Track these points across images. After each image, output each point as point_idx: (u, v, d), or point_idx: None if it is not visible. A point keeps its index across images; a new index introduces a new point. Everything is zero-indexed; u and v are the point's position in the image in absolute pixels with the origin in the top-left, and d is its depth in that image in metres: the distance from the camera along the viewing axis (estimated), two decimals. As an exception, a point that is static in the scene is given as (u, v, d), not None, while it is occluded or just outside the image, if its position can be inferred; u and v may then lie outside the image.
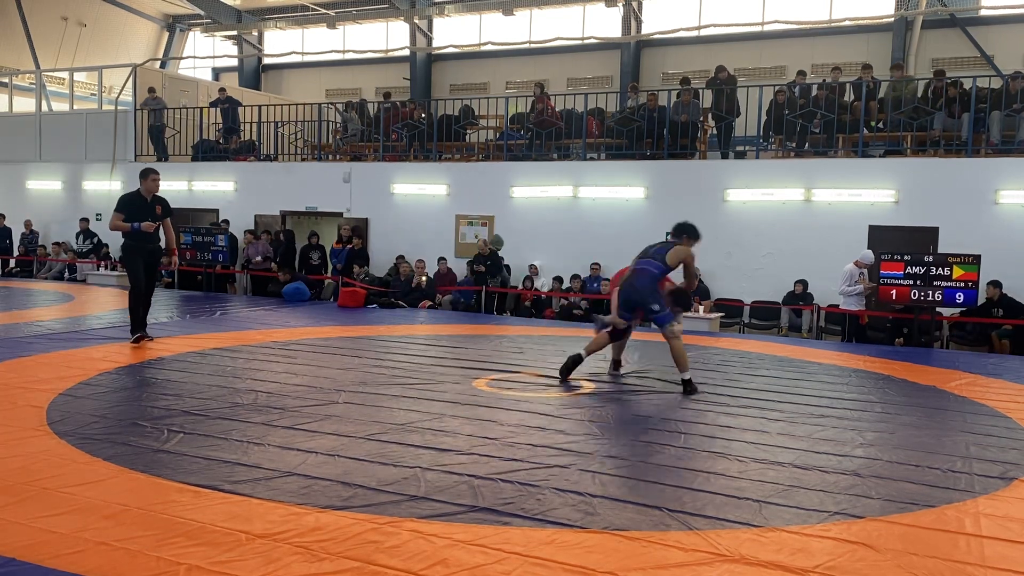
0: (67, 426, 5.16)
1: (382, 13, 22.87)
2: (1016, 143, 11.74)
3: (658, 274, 7.20)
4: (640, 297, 7.16)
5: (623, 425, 5.76)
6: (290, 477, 4.27)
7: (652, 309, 7.11)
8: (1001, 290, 10.82)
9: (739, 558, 3.42)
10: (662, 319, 7.09)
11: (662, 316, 7.09)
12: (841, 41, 18.11)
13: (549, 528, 3.69)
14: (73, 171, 18.46)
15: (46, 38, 23.87)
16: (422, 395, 6.48)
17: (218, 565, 3.18)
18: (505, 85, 21.20)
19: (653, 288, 7.15)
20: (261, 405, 5.94)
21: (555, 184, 14.07)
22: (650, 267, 7.20)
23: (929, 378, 8.10)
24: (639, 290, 7.17)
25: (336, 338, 9.71)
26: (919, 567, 3.39)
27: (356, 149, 16.66)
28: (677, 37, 19.02)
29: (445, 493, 4.10)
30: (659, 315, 7.09)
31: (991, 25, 17.29)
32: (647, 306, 7.13)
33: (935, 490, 4.43)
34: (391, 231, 15.37)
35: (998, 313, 10.72)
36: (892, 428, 5.92)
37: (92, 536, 3.42)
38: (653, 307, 7.10)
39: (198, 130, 17.67)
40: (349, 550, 3.36)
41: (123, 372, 7.06)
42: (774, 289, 12.27)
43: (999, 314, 10.72)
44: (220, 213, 16.80)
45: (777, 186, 12.67)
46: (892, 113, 12.42)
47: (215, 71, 26.45)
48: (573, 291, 13.36)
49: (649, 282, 7.15)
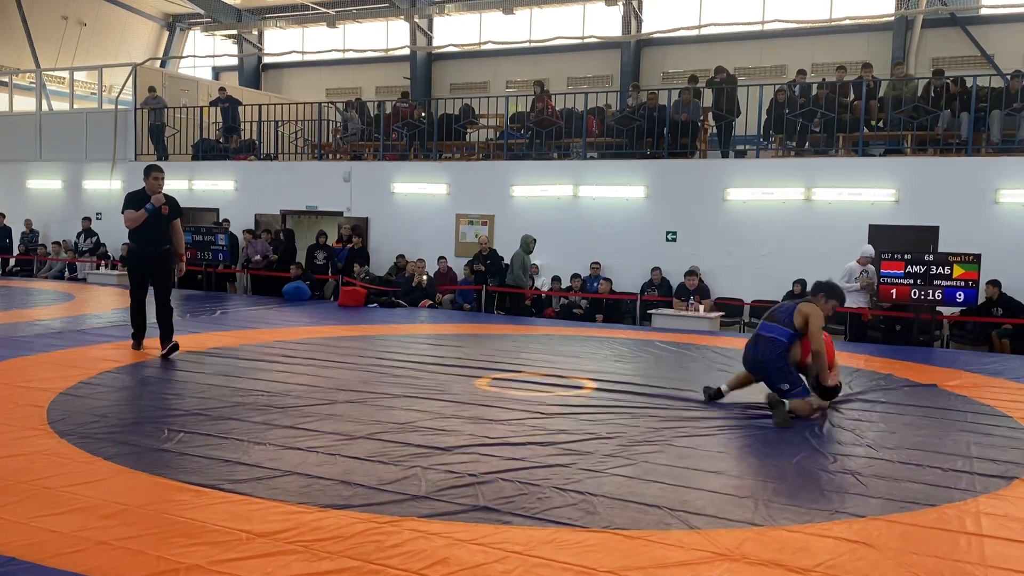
0: (68, 425, 5.16)
1: (382, 12, 22.87)
2: (1016, 142, 11.74)
3: (786, 343, 6.12)
4: (765, 374, 6.18)
5: (624, 425, 5.75)
6: (290, 476, 4.27)
7: (781, 390, 6.04)
8: (1000, 289, 10.82)
9: (739, 557, 3.42)
10: (794, 396, 6.05)
11: (794, 393, 6.05)
12: (841, 40, 18.10)
13: (550, 527, 3.69)
14: (73, 170, 18.46)
15: (46, 37, 23.87)
16: (423, 394, 6.47)
17: (218, 565, 3.18)
18: (505, 84, 21.19)
19: (781, 363, 6.09)
20: (262, 404, 5.94)
21: (555, 183, 14.06)
22: (776, 334, 6.15)
23: (930, 377, 8.10)
24: (763, 365, 6.17)
25: (336, 337, 9.70)
26: (920, 566, 3.39)
27: (356, 148, 16.66)
28: (677, 36, 19.02)
29: (446, 492, 4.10)
30: (789, 393, 6.05)
31: (991, 24, 17.28)
32: (776, 386, 6.08)
33: (936, 489, 4.43)
34: (391, 230, 15.37)
35: (998, 312, 10.72)
36: (892, 427, 5.92)
37: (92, 536, 3.42)
38: (782, 387, 6.04)
39: (198, 129, 17.67)
40: (349, 549, 3.36)
41: (124, 371, 7.06)
42: (774, 288, 12.25)
43: (999, 313, 10.72)
44: (220, 212, 16.80)
45: (777, 185, 12.66)
46: (892, 112, 12.42)
47: (215, 70, 26.45)
48: (573, 290, 13.36)
49: (776, 356, 6.10)
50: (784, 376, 5.98)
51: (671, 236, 13.28)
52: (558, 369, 7.85)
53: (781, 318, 6.15)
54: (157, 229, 7.84)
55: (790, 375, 6.00)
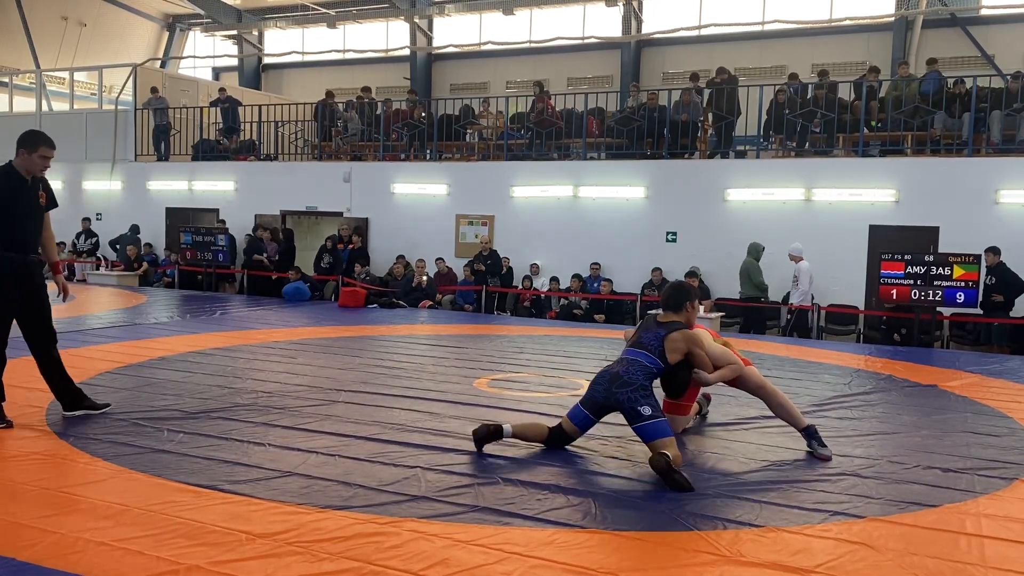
0: (67, 426, 5.16)
1: (382, 13, 22.88)
2: (1016, 143, 11.74)
3: (655, 372, 4.90)
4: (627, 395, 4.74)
5: (623, 425, 5.74)
6: (290, 477, 4.27)
7: (642, 414, 4.65)
8: (999, 258, 10.77)
9: (740, 558, 3.42)
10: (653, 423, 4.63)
11: (654, 419, 4.63)
12: (841, 41, 18.11)
13: (550, 528, 3.69)
14: (73, 171, 18.43)
15: (46, 38, 23.86)
16: (422, 395, 6.47)
17: (218, 565, 3.17)
18: (505, 85, 21.19)
19: (646, 383, 4.81)
20: (261, 405, 5.94)
21: (555, 184, 14.06)
22: (645, 360, 4.90)
23: (930, 378, 8.10)
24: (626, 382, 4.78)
25: (336, 338, 9.70)
26: (920, 567, 3.39)
27: (356, 149, 16.66)
28: (677, 37, 19.03)
29: (445, 493, 4.09)
30: (650, 419, 4.63)
31: (991, 25, 17.29)
32: (635, 408, 4.68)
33: (936, 490, 4.43)
34: (391, 231, 15.37)
35: (991, 281, 10.67)
36: (892, 428, 5.92)
37: (92, 536, 3.41)
38: (643, 410, 4.65)
39: (198, 130, 17.67)
40: (349, 550, 3.35)
41: (123, 372, 7.05)
42: (774, 289, 12.24)
43: (991, 282, 10.67)
44: (220, 213, 16.80)
45: (777, 186, 12.67)
46: (892, 113, 12.41)
47: (215, 71, 26.45)
48: (573, 291, 13.35)
49: (642, 376, 4.82)
50: (647, 398, 4.68)
51: (671, 236, 13.28)
52: (558, 370, 7.85)
53: (649, 345, 4.93)
54: (26, 225, 5.24)
55: (652, 399, 4.71)
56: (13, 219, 5.13)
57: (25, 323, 5.30)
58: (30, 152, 5.22)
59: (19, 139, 5.26)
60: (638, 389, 4.72)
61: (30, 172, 5.26)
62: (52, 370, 5.41)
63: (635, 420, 4.66)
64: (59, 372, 5.43)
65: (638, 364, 4.86)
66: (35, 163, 5.25)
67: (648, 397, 4.71)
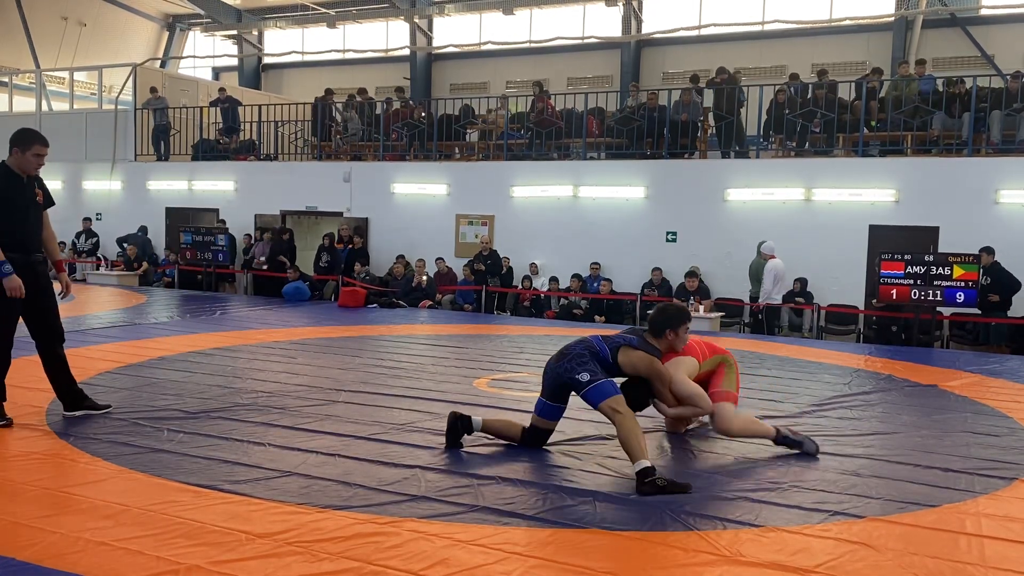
0: (67, 426, 5.16)
1: (382, 13, 22.88)
2: (1016, 143, 11.74)
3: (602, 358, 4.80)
4: (565, 368, 4.76)
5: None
6: (290, 477, 4.27)
7: (580, 381, 4.64)
8: (994, 257, 10.79)
9: (739, 558, 3.41)
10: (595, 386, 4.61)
11: (595, 383, 4.62)
12: (841, 41, 18.10)
13: (550, 528, 3.69)
14: (73, 171, 18.44)
15: (46, 38, 23.86)
16: (422, 395, 6.47)
17: (218, 565, 3.17)
18: (505, 85, 21.19)
19: (584, 353, 4.80)
20: (261, 405, 5.94)
21: (555, 184, 14.06)
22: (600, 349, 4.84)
23: (930, 377, 8.10)
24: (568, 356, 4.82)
25: (336, 338, 9.70)
26: (920, 567, 3.38)
27: (356, 148, 16.66)
28: (677, 37, 19.03)
29: (445, 493, 4.09)
30: (589, 384, 4.62)
31: (991, 25, 17.29)
32: (573, 378, 4.69)
33: (936, 490, 4.43)
34: (391, 231, 15.37)
35: (986, 281, 10.69)
36: (892, 428, 5.91)
37: (92, 536, 3.41)
38: (580, 378, 4.65)
39: (198, 130, 17.67)
40: (349, 550, 3.35)
41: (123, 372, 7.05)
42: (774, 288, 12.24)
43: (987, 282, 10.69)
44: (220, 213, 16.80)
45: (777, 186, 12.67)
46: (892, 113, 12.42)
47: (215, 71, 26.45)
48: (573, 291, 13.35)
49: (583, 349, 4.83)
50: (584, 365, 4.68)
51: (671, 236, 13.28)
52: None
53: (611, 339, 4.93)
54: (26, 225, 5.22)
55: (590, 366, 4.69)
56: (13, 219, 5.11)
57: (31, 323, 5.34)
58: (24, 151, 5.17)
59: (12, 138, 5.20)
60: (574, 359, 4.74)
61: (25, 171, 5.22)
62: (56, 369, 5.45)
63: (579, 389, 4.67)
64: (63, 371, 5.47)
65: (586, 343, 4.88)
66: (29, 162, 5.20)
67: (585, 364, 4.69)
